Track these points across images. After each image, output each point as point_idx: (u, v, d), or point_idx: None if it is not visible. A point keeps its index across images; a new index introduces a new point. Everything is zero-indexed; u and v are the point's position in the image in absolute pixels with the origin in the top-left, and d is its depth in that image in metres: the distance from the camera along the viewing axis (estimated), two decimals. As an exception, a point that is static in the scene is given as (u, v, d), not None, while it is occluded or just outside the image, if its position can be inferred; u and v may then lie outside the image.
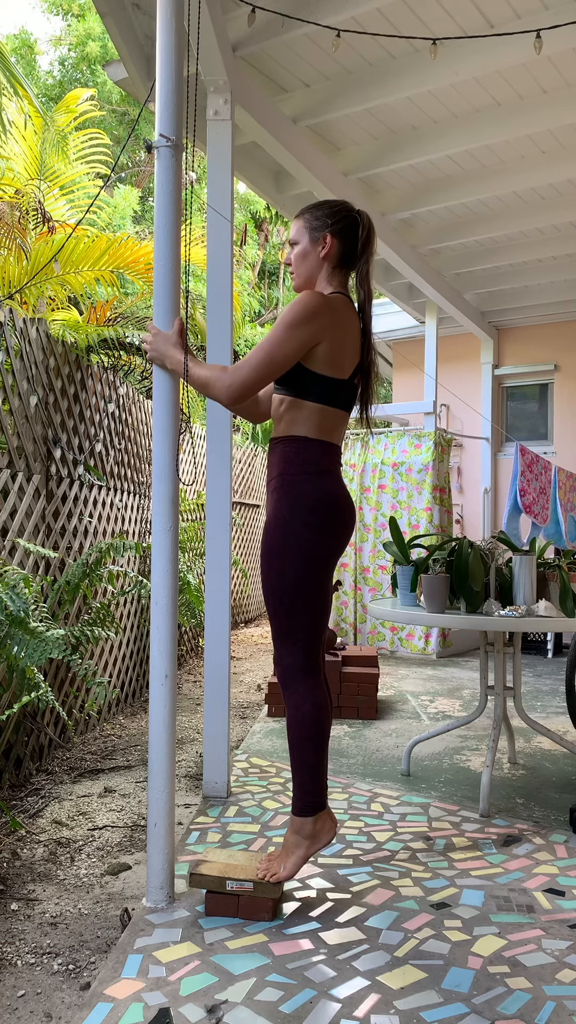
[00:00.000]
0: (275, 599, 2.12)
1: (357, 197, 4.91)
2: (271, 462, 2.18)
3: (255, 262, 15.37)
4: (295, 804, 2.17)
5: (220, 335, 3.14)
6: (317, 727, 2.13)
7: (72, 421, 3.99)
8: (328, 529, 2.10)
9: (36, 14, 30.26)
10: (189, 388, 2.19)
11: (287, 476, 2.11)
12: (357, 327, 2.16)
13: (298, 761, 2.15)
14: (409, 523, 6.49)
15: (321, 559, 2.10)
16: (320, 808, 2.16)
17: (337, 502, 2.11)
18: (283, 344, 2.02)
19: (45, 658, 2.59)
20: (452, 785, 3.22)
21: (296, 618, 2.11)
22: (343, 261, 2.20)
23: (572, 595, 3.05)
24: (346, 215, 2.18)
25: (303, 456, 2.11)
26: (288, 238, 2.24)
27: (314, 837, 2.16)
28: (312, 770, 2.14)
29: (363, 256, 2.19)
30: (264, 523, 2.16)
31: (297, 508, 2.08)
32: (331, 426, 2.14)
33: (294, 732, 2.14)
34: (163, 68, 2.24)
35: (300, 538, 2.07)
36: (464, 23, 3.54)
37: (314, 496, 2.08)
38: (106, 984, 1.80)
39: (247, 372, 2.04)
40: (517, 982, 1.82)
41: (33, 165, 5.82)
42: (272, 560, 2.11)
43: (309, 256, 2.19)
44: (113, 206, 12.23)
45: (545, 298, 7.10)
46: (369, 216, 2.21)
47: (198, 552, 5.65)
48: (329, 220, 2.16)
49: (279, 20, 3.42)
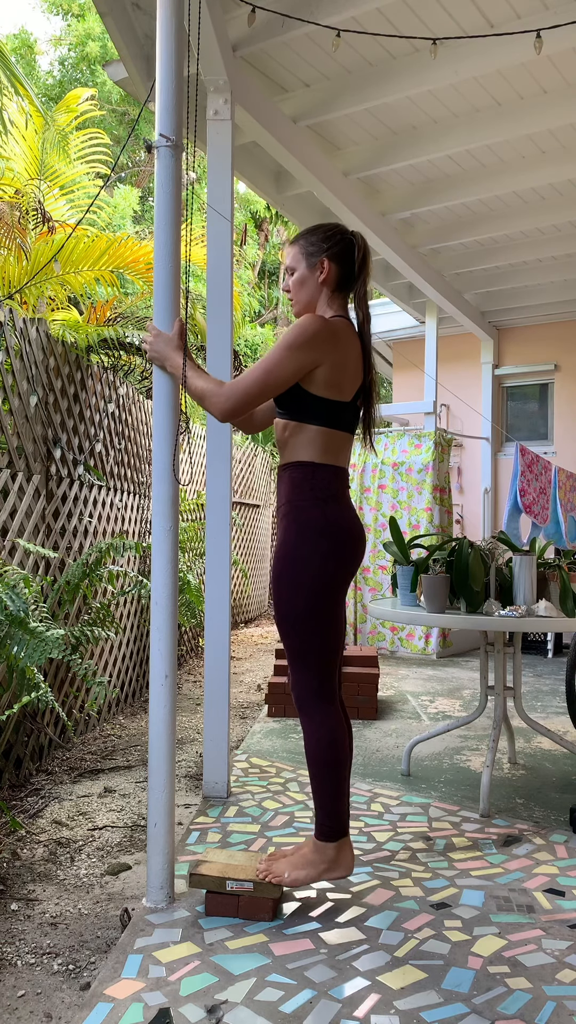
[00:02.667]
0: (287, 625, 2.12)
1: (357, 197, 4.91)
2: (280, 489, 2.18)
3: (255, 262, 15.37)
4: (316, 826, 2.16)
5: (220, 335, 3.14)
6: (332, 753, 2.12)
7: (72, 421, 3.99)
8: (338, 554, 2.09)
9: (36, 14, 30.29)
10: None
11: (296, 503, 2.11)
12: (358, 349, 2.16)
13: (316, 784, 2.14)
14: (409, 523, 6.49)
15: (332, 585, 2.10)
16: (341, 835, 2.14)
17: (346, 527, 2.11)
18: (281, 366, 2.02)
19: (45, 658, 2.59)
20: (452, 785, 3.22)
21: (309, 644, 2.11)
22: (341, 284, 2.19)
23: (572, 595, 3.05)
24: (341, 238, 2.17)
25: (311, 482, 2.10)
26: (285, 265, 2.24)
27: (332, 863, 2.15)
28: (331, 796, 2.13)
29: (360, 277, 2.18)
30: (274, 549, 2.16)
31: (306, 534, 2.08)
32: (336, 449, 2.14)
33: (310, 756, 2.14)
34: (163, 68, 2.24)
35: (310, 564, 2.07)
36: (464, 23, 3.54)
37: (323, 522, 2.08)
38: (106, 984, 1.80)
39: (243, 391, 2.04)
40: (517, 982, 1.82)
41: (33, 165, 5.82)
42: (283, 587, 2.10)
43: (307, 282, 2.18)
44: (113, 206, 12.23)
45: (545, 298, 7.11)
46: (364, 237, 2.21)
47: (198, 552, 5.65)
48: (325, 245, 2.16)
49: (279, 20, 3.42)
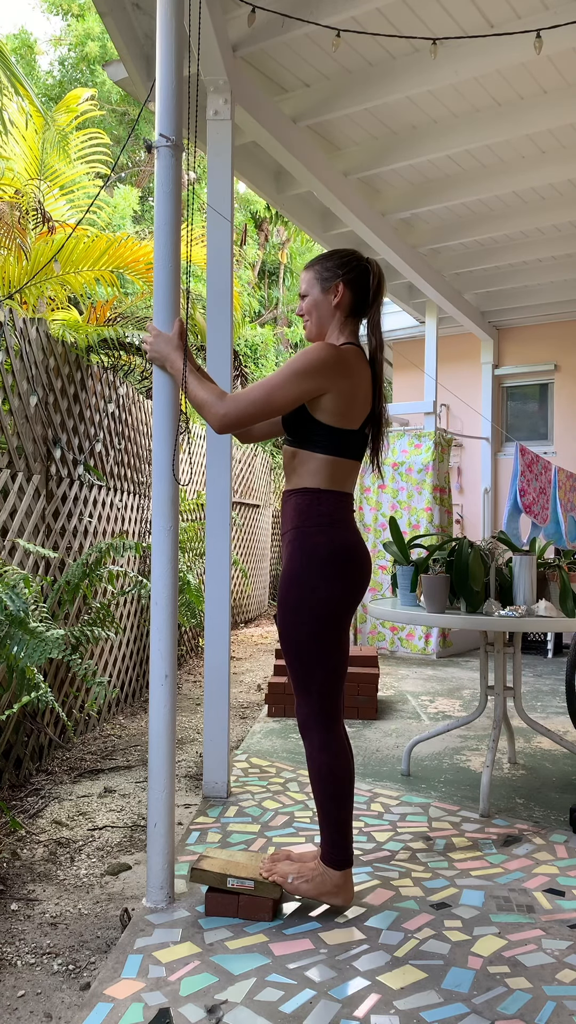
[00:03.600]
0: (292, 650, 2.12)
1: (357, 197, 4.91)
2: (285, 514, 2.18)
3: (255, 262, 15.37)
4: (322, 851, 2.15)
5: (220, 335, 3.14)
6: (333, 777, 2.11)
7: (72, 421, 3.99)
8: (344, 580, 2.09)
9: (36, 14, 30.28)
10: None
11: (301, 528, 2.11)
12: (368, 377, 2.16)
13: (321, 811, 2.14)
14: (409, 523, 6.49)
15: (337, 611, 2.09)
16: (345, 864, 2.13)
17: (352, 552, 2.11)
18: (285, 389, 2.02)
19: (45, 658, 2.59)
20: (452, 785, 3.22)
21: (312, 669, 2.11)
22: (355, 310, 2.20)
23: (572, 595, 3.05)
24: (357, 264, 2.18)
25: (316, 508, 2.10)
26: (300, 290, 2.25)
27: (335, 890, 2.13)
28: (333, 820, 2.12)
29: (374, 304, 2.19)
30: (281, 574, 2.16)
31: (312, 560, 2.08)
32: (343, 476, 2.14)
33: (313, 781, 2.14)
34: (163, 68, 2.24)
35: (315, 589, 2.07)
36: (464, 23, 3.54)
37: (328, 547, 2.08)
38: (106, 984, 1.80)
39: (242, 407, 2.04)
40: (517, 982, 1.82)
41: (33, 165, 5.82)
42: (288, 612, 2.10)
43: (321, 306, 2.19)
44: (113, 206, 12.22)
45: (545, 298, 7.11)
46: (379, 265, 2.21)
47: (198, 552, 5.65)
48: (340, 270, 2.16)
49: (279, 20, 3.42)
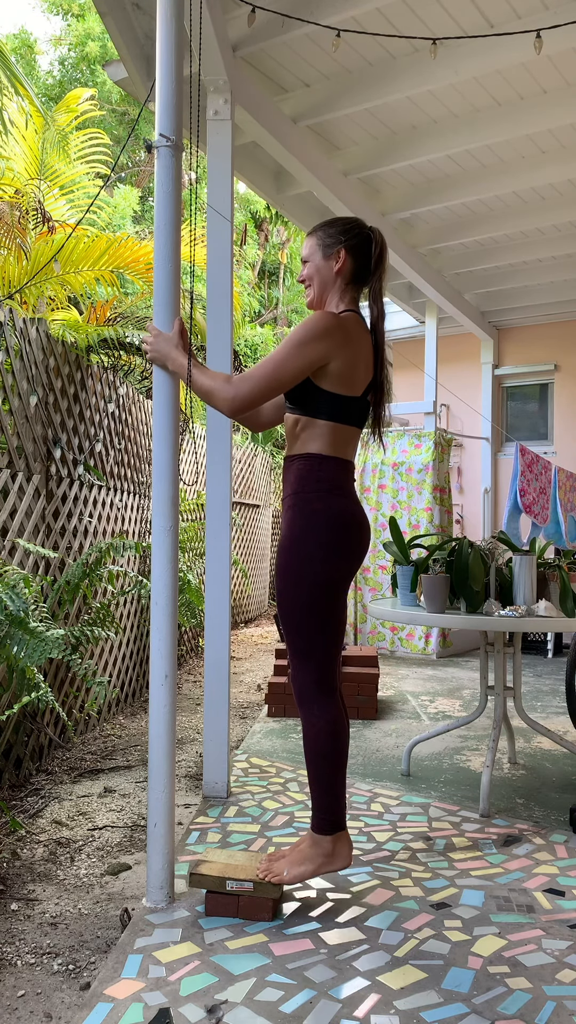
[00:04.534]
0: (291, 617, 2.11)
1: (357, 197, 4.91)
2: (286, 479, 2.18)
3: (255, 262, 15.37)
4: (313, 820, 2.15)
5: (220, 335, 3.14)
6: (332, 743, 2.12)
7: (72, 421, 3.99)
8: (343, 547, 2.08)
9: (36, 14, 30.29)
10: (189, 388, 2.18)
11: (302, 494, 2.10)
12: (369, 345, 2.15)
13: (315, 777, 2.14)
14: (409, 523, 6.49)
15: (336, 577, 2.09)
16: (338, 828, 2.14)
17: (351, 520, 2.10)
18: (290, 362, 2.02)
19: (45, 658, 2.59)
20: (452, 785, 3.22)
21: (311, 636, 2.10)
22: (356, 277, 2.19)
23: (572, 595, 3.05)
24: (359, 231, 2.17)
25: (317, 474, 2.10)
26: (301, 255, 2.24)
27: (330, 857, 2.14)
28: (329, 788, 2.12)
29: (376, 273, 2.18)
30: (279, 541, 2.16)
31: (311, 526, 2.07)
32: (344, 443, 2.14)
33: (310, 748, 2.14)
34: (163, 68, 2.25)
35: (314, 557, 2.06)
36: (464, 23, 3.54)
37: (328, 514, 2.08)
38: (106, 984, 1.80)
39: (251, 386, 2.03)
40: (517, 982, 1.82)
41: (33, 165, 5.82)
42: (287, 578, 2.10)
43: (322, 271, 2.18)
44: (113, 206, 12.22)
45: (545, 298, 7.10)
46: (382, 233, 2.20)
47: (198, 552, 5.65)
48: (342, 237, 2.16)
49: (279, 20, 3.42)
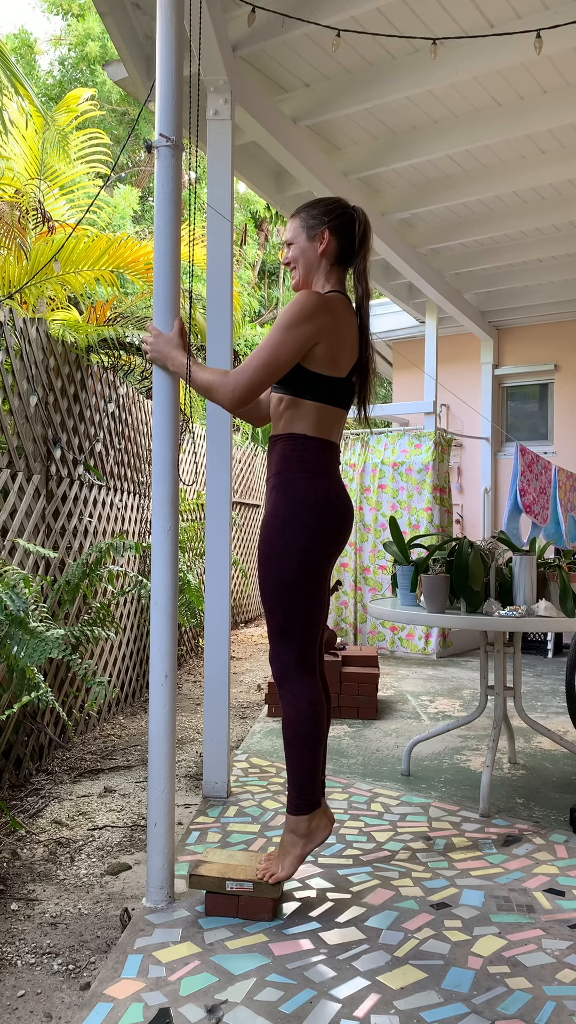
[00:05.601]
0: (271, 597, 2.11)
1: (357, 197, 4.91)
2: (271, 460, 2.18)
3: (255, 262, 15.37)
4: (290, 802, 2.16)
5: (220, 335, 3.14)
6: (312, 724, 2.12)
7: (72, 421, 3.99)
8: (326, 528, 2.09)
9: (36, 14, 30.27)
10: (189, 388, 2.19)
11: (286, 474, 2.11)
12: (355, 325, 2.16)
13: (295, 759, 2.13)
14: (409, 523, 6.49)
15: (318, 558, 2.09)
16: (315, 806, 2.15)
17: (335, 501, 2.11)
18: (283, 345, 2.02)
19: (45, 658, 2.59)
20: (452, 785, 3.22)
21: (292, 616, 2.10)
22: (341, 258, 2.19)
23: (572, 595, 3.05)
24: (342, 211, 2.18)
25: (302, 454, 2.11)
26: (285, 238, 2.24)
27: (309, 835, 2.15)
28: (307, 768, 2.13)
29: (360, 252, 2.18)
30: (262, 520, 2.15)
31: (295, 506, 2.08)
32: (330, 424, 2.14)
33: (289, 729, 2.13)
34: (163, 68, 2.25)
35: (298, 536, 2.07)
36: (464, 23, 3.54)
37: (312, 495, 2.08)
38: (106, 984, 1.80)
39: (249, 376, 2.04)
40: (517, 982, 1.82)
41: (33, 165, 5.82)
42: (269, 558, 2.10)
43: (307, 253, 2.18)
44: (113, 206, 12.22)
45: (545, 298, 7.10)
46: (365, 212, 2.21)
47: (198, 552, 5.65)
48: (326, 217, 2.16)
49: (279, 20, 3.42)
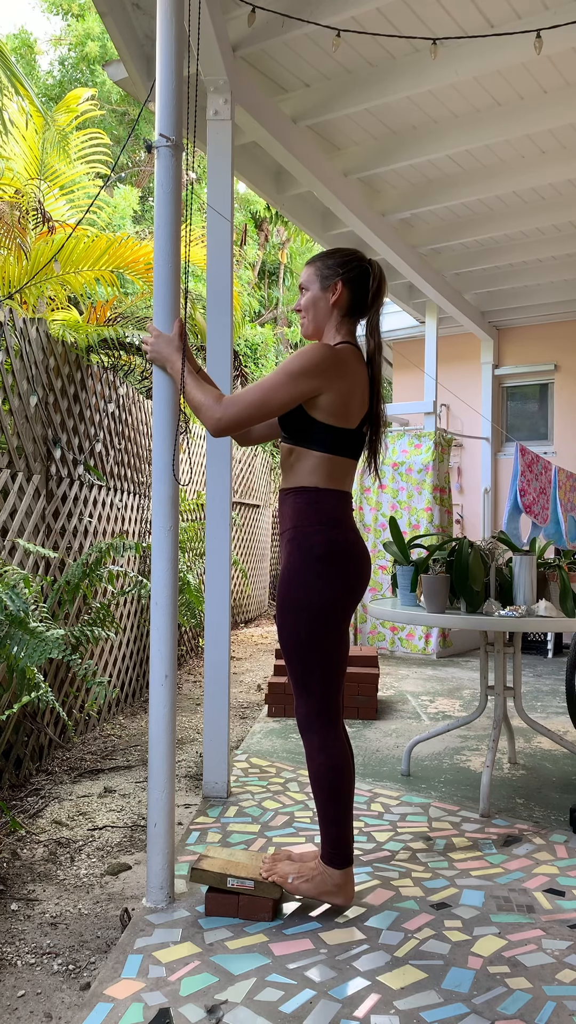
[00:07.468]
0: (290, 650, 2.11)
1: (357, 197, 4.91)
2: (283, 513, 2.17)
3: (255, 262, 15.37)
4: (323, 851, 2.14)
5: (220, 335, 3.14)
6: (332, 778, 2.11)
7: (72, 421, 3.99)
8: (342, 580, 2.08)
9: (36, 14, 30.29)
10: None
11: (301, 528, 2.10)
12: (365, 377, 2.15)
13: (321, 810, 2.13)
14: (409, 523, 6.49)
15: (335, 611, 2.08)
16: (346, 863, 2.13)
17: (351, 552, 2.10)
18: (281, 391, 2.01)
19: (45, 658, 2.59)
20: (452, 785, 3.22)
21: (311, 670, 2.10)
22: (353, 310, 2.18)
23: (572, 595, 3.05)
24: (358, 264, 2.16)
25: (315, 507, 2.09)
26: (300, 282, 2.24)
27: (336, 889, 2.13)
28: (332, 821, 2.11)
29: (374, 306, 2.17)
30: (279, 574, 2.15)
31: (310, 560, 2.07)
32: (340, 475, 2.13)
33: (313, 782, 2.13)
34: (163, 68, 2.24)
35: (313, 589, 2.06)
36: (464, 23, 3.54)
37: (327, 547, 2.07)
38: (106, 984, 1.80)
39: (238, 410, 2.03)
40: (517, 982, 1.82)
41: (33, 165, 5.82)
42: (286, 612, 2.09)
43: (319, 303, 2.17)
44: (113, 206, 12.22)
45: (545, 298, 7.10)
46: (381, 266, 2.19)
47: (198, 552, 5.65)
48: (340, 269, 2.15)
49: (279, 20, 3.42)
